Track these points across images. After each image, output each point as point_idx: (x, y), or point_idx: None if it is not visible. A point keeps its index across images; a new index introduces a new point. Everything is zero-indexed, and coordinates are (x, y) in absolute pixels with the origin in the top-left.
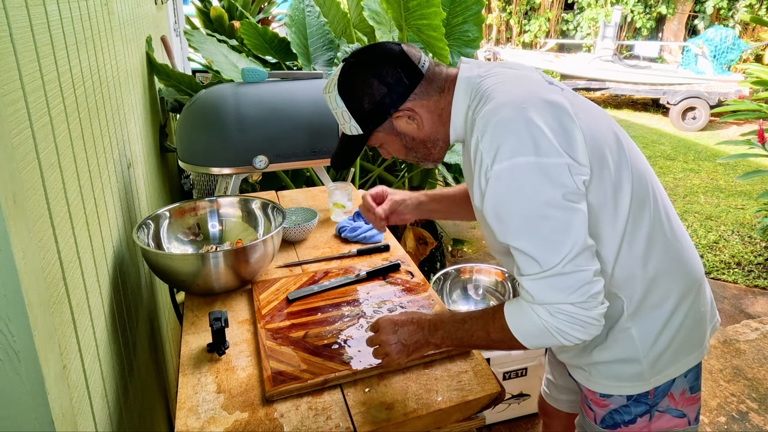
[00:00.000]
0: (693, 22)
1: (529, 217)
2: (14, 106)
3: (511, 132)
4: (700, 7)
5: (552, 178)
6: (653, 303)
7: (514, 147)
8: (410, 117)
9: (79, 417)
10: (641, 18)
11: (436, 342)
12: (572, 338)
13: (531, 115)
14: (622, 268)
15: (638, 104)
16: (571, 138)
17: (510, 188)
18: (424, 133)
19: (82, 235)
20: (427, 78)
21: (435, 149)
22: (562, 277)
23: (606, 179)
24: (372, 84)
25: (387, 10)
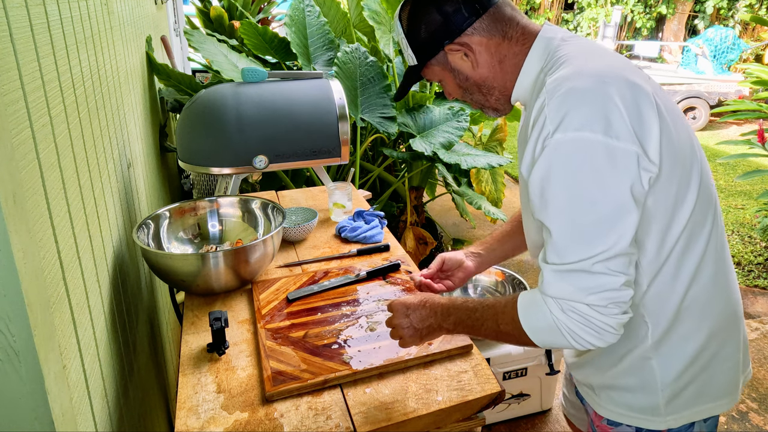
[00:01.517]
0: (693, 22)
1: (575, 198)
2: (14, 106)
3: (584, 102)
4: (700, 7)
5: (616, 165)
6: (681, 335)
7: (583, 119)
8: (465, 53)
9: (79, 417)
10: (641, 18)
11: (448, 327)
12: (583, 341)
13: (610, 90)
14: (658, 288)
15: None
16: (647, 128)
17: (566, 162)
18: (479, 74)
19: (82, 235)
20: (491, 14)
21: (491, 97)
22: (586, 274)
23: (671, 186)
24: (429, 12)
25: (387, 10)
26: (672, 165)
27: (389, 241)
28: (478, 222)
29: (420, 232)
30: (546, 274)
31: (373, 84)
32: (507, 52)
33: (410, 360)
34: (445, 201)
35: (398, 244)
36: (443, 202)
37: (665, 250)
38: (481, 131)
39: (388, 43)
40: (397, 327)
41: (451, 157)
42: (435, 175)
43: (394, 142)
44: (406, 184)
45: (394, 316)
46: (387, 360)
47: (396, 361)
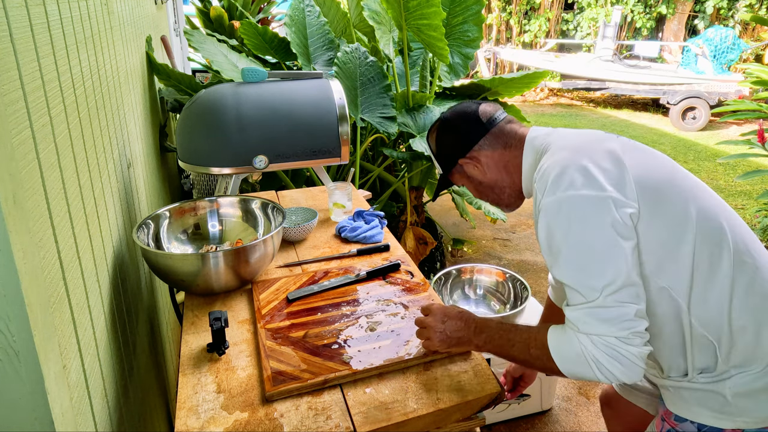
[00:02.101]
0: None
1: (573, 246)
2: (14, 106)
3: (561, 172)
4: (700, 7)
5: (597, 210)
6: (748, 346)
7: (562, 183)
8: (475, 165)
9: (79, 417)
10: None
11: (477, 343)
12: (608, 373)
13: (581, 157)
14: (702, 308)
15: (638, 104)
16: (617, 176)
17: (556, 219)
18: (489, 179)
19: (82, 235)
20: (492, 133)
21: (503, 195)
22: (603, 309)
23: (666, 215)
24: (448, 135)
25: (387, 10)
26: (655, 197)
27: (389, 241)
28: (478, 222)
29: (420, 232)
30: (570, 315)
31: (373, 84)
32: (509, 158)
33: (410, 360)
34: (445, 201)
35: (398, 244)
36: (443, 202)
37: (685, 273)
38: None
39: (388, 43)
40: (429, 329)
41: None
42: (435, 175)
43: (394, 142)
44: (406, 184)
45: (431, 318)
46: (387, 360)
47: (396, 361)
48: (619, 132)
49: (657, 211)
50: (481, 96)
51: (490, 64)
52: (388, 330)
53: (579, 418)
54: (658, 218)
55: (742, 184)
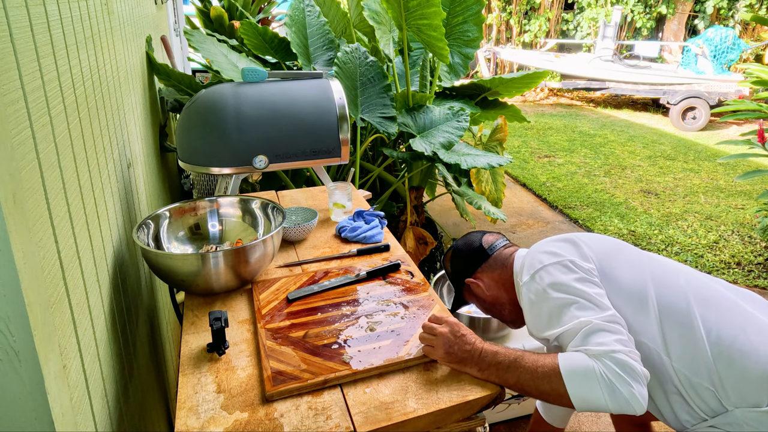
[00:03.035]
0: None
1: (554, 301)
2: (14, 106)
3: (528, 261)
4: (700, 7)
5: (565, 270)
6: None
7: (531, 267)
8: (479, 284)
9: (79, 417)
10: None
11: (479, 368)
12: (616, 389)
13: (541, 247)
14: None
15: (638, 104)
16: (573, 247)
17: (534, 292)
18: (491, 296)
19: (82, 235)
20: (492, 257)
21: (505, 311)
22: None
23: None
24: (457, 261)
25: (387, 9)
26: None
27: (389, 241)
28: (478, 222)
29: (420, 232)
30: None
31: (373, 84)
32: (506, 277)
33: (410, 360)
34: (445, 201)
35: (398, 244)
36: (443, 202)
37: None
38: (481, 131)
39: (388, 43)
40: (439, 336)
41: (451, 157)
42: (435, 175)
43: (394, 142)
44: (406, 184)
45: (445, 329)
46: (387, 360)
47: (396, 361)
48: (619, 132)
49: (612, 274)
50: (481, 96)
51: (490, 64)
52: (388, 330)
53: (579, 418)
54: (615, 279)
55: (742, 184)
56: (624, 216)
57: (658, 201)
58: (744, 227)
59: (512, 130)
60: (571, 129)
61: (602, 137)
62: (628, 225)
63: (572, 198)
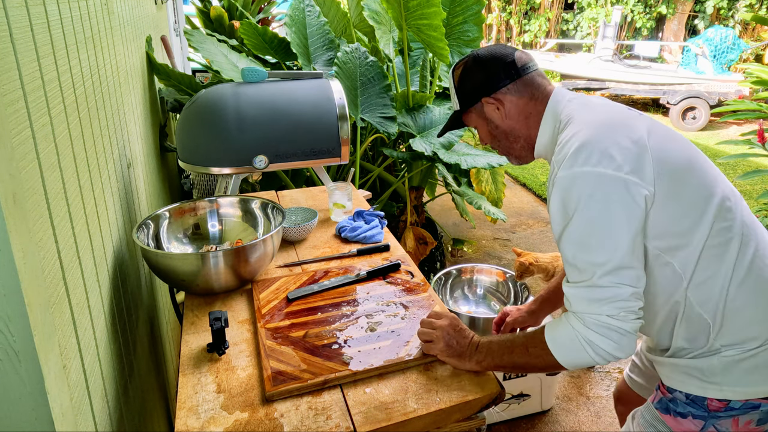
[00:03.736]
0: (693, 22)
1: (579, 222)
2: (14, 106)
3: (580, 147)
4: (700, 7)
5: (609, 189)
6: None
7: (579, 158)
8: (498, 107)
9: (79, 417)
10: (641, 18)
11: (477, 360)
12: (602, 352)
13: (602, 134)
14: (701, 287)
15: (638, 104)
16: (636, 156)
17: (568, 193)
18: (507, 125)
19: (82, 235)
20: (523, 80)
21: (516, 145)
22: (599, 289)
23: (684, 199)
24: (477, 70)
25: (387, 9)
26: (673, 183)
27: (389, 241)
28: (478, 222)
29: (420, 232)
30: (567, 291)
31: (373, 84)
32: (532, 110)
33: (410, 360)
34: (445, 201)
35: (398, 244)
36: (443, 202)
37: (693, 255)
38: None
39: (388, 43)
40: (439, 330)
41: (451, 157)
42: (435, 175)
43: (394, 142)
44: (406, 184)
45: (444, 323)
46: (387, 360)
47: (396, 362)
48: None
49: (675, 194)
50: None
51: None
52: (388, 330)
53: (579, 418)
54: (675, 201)
55: (742, 184)
56: None
57: None
58: None
59: None
60: None
61: None
62: None
63: None
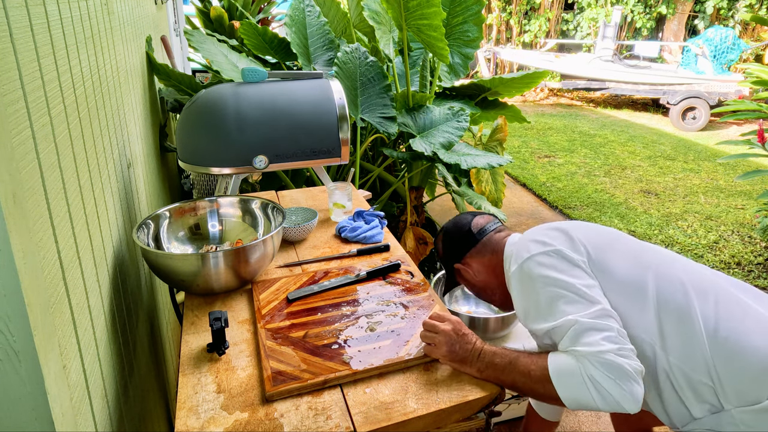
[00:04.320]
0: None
1: (542, 294)
2: (14, 106)
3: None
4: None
5: (555, 260)
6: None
7: (519, 255)
8: (467, 269)
9: (79, 417)
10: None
11: (478, 367)
12: (607, 395)
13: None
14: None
15: (638, 104)
16: (564, 237)
17: (521, 282)
18: (480, 281)
19: (82, 235)
20: (482, 242)
21: (495, 296)
22: (590, 323)
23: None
24: (445, 244)
25: (387, 10)
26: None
27: (389, 241)
28: None
29: (420, 232)
30: (566, 345)
31: (373, 84)
32: (497, 262)
33: (410, 360)
34: (445, 201)
35: (398, 244)
36: (443, 202)
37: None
38: (481, 131)
39: (388, 43)
40: (442, 334)
41: (451, 157)
42: (435, 175)
43: (394, 142)
44: (406, 184)
45: (448, 327)
46: (387, 360)
47: (396, 361)
48: (619, 132)
49: (606, 266)
50: (481, 96)
51: (490, 64)
52: (388, 330)
53: (579, 418)
54: (609, 270)
55: (742, 184)
56: (624, 216)
57: (658, 201)
58: (744, 227)
59: (512, 130)
60: (571, 129)
61: (602, 137)
62: (628, 225)
63: (572, 198)
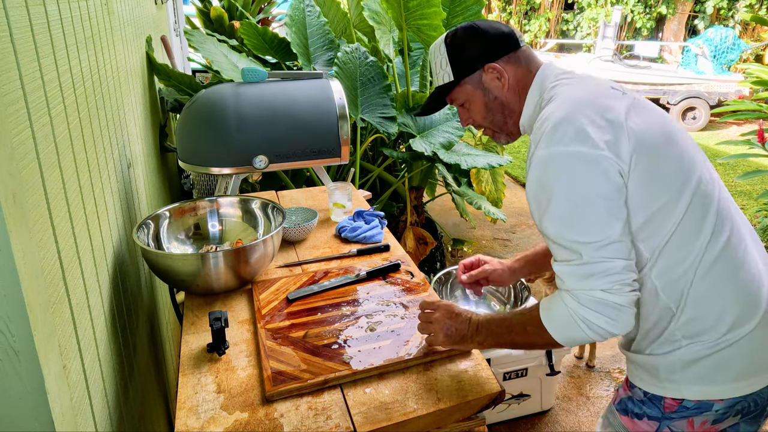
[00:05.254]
0: (693, 22)
1: (560, 201)
2: (14, 106)
3: (557, 125)
4: (700, 7)
5: (587, 167)
6: (704, 318)
7: (555, 137)
8: (498, 76)
9: (79, 417)
10: (641, 18)
11: (479, 340)
12: (598, 329)
13: (580, 112)
14: (667, 270)
15: None
16: (612, 134)
17: (545, 173)
18: (505, 96)
19: (82, 235)
20: (522, 50)
21: (510, 120)
22: (589, 265)
23: (661, 175)
24: (476, 39)
25: (387, 10)
26: (649, 162)
27: (389, 241)
28: (478, 222)
29: (420, 232)
30: (558, 270)
31: (373, 84)
32: (527, 83)
33: (410, 360)
34: (445, 201)
35: (398, 244)
36: (443, 202)
37: (665, 233)
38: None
39: (388, 43)
40: (436, 323)
41: (451, 157)
42: (435, 175)
43: (394, 142)
44: (406, 184)
45: (439, 315)
46: (387, 360)
47: (396, 361)
48: None
49: (652, 171)
50: None
51: None
52: (388, 330)
53: (579, 418)
54: (652, 177)
55: (742, 184)
56: None
57: None
58: None
59: None
60: None
61: None
62: None
63: None
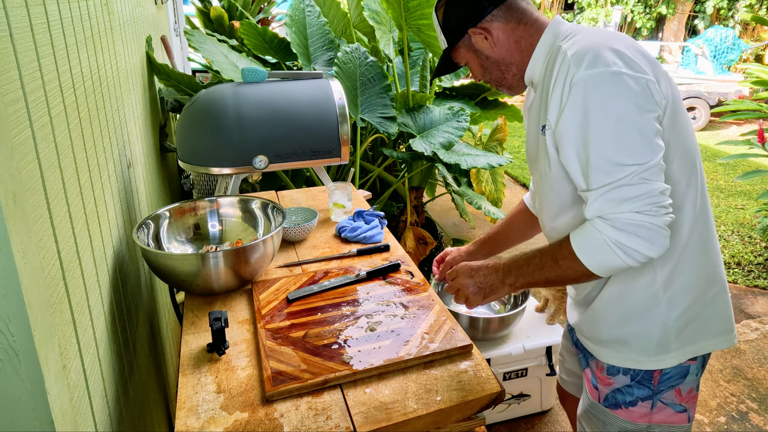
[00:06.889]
0: (693, 22)
1: (610, 121)
2: (14, 106)
3: (598, 52)
4: (700, 7)
5: (634, 90)
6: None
7: (600, 61)
8: (485, 36)
9: (79, 417)
10: (641, 18)
11: (510, 282)
12: (633, 252)
13: (615, 43)
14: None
15: None
16: (652, 67)
17: (594, 92)
18: (497, 53)
19: (82, 235)
20: (507, 5)
21: (508, 74)
22: (629, 187)
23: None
24: (459, 4)
25: (387, 10)
26: (673, 118)
27: (389, 241)
28: (478, 222)
29: (420, 232)
30: (591, 200)
31: (373, 84)
32: (522, 34)
33: (410, 360)
34: (445, 201)
35: (398, 244)
36: (443, 202)
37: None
38: (481, 131)
39: (388, 43)
40: (462, 287)
41: (451, 157)
42: (435, 175)
43: (394, 142)
44: (406, 184)
45: (459, 278)
46: (387, 360)
47: (396, 361)
48: None
49: (674, 126)
50: (480, 96)
51: None
52: (388, 330)
53: None
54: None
55: (742, 184)
56: None
57: None
58: (744, 227)
59: (512, 130)
60: None
61: None
62: None
63: None
